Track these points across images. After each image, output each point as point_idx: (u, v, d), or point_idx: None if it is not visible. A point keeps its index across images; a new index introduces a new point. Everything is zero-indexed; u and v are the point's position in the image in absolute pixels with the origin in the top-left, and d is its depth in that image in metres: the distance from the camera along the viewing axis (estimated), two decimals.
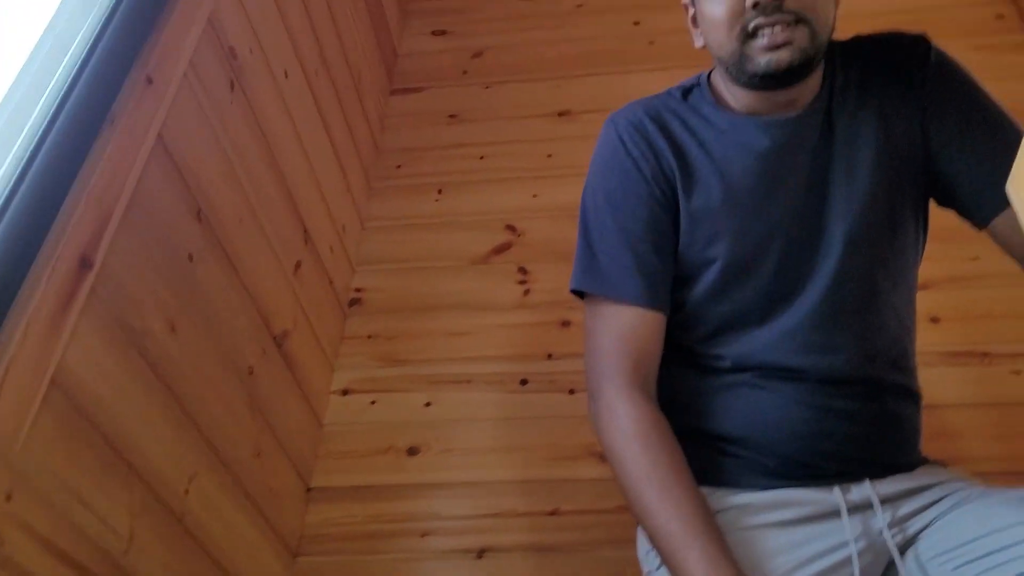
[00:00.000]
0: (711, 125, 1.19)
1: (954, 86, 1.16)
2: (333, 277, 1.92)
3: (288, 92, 1.73)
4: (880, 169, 1.14)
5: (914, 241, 1.21)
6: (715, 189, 1.16)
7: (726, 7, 1.07)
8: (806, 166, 1.15)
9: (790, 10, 1.04)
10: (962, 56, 2.25)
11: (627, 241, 1.17)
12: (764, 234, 1.16)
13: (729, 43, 1.09)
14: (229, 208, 1.46)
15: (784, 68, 1.06)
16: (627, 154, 1.20)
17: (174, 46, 1.29)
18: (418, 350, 1.93)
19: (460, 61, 2.53)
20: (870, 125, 1.15)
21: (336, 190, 1.97)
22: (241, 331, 1.48)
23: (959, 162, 1.13)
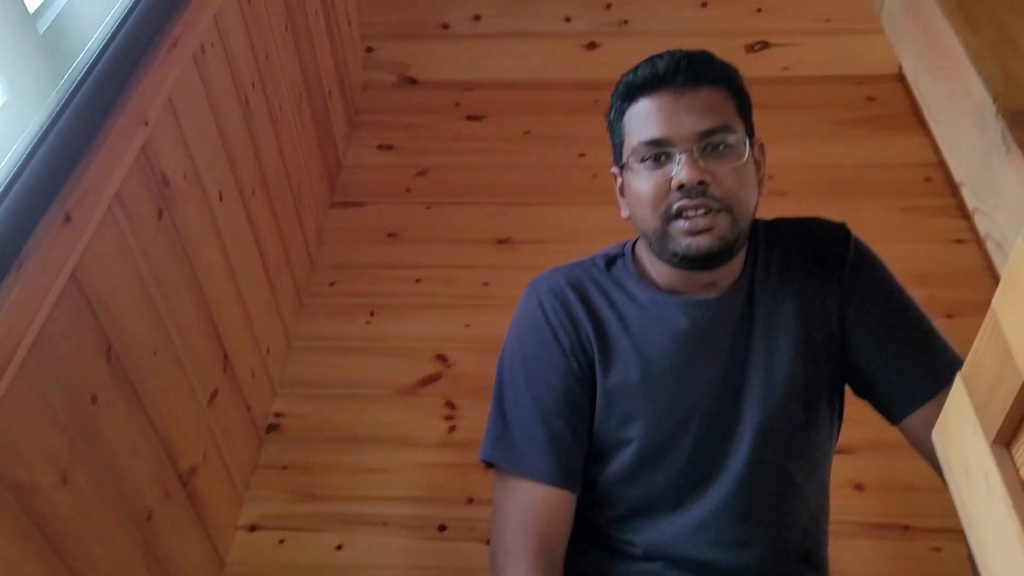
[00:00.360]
0: (632, 300, 1.17)
1: (872, 280, 1.17)
2: (252, 403, 1.84)
3: (222, 214, 1.68)
4: (798, 358, 1.14)
5: (828, 431, 1.21)
6: (633, 368, 1.14)
7: (652, 186, 1.07)
8: (725, 350, 1.15)
9: (714, 196, 1.04)
10: (889, 217, 2.34)
11: (541, 414, 1.15)
12: (679, 419, 1.14)
13: (653, 220, 1.08)
14: (144, 342, 1.39)
15: (704, 253, 1.06)
16: (547, 323, 1.18)
17: (99, 180, 1.23)
18: (334, 485, 1.85)
19: (404, 178, 2.51)
20: (790, 311, 1.15)
21: (264, 311, 1.91)
22: (143, 474, 1.39)
23: (875, 359, 1.14)
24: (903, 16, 1.00)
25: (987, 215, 0.81)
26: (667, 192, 1.06)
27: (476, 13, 2.77)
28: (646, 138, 1.08)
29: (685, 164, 1.04)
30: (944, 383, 1.08)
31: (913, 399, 1.10)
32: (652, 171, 1.07)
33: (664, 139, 1.06)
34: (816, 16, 2.70)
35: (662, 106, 1.07)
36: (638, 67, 1.11)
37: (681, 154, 1.05)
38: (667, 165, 1.06)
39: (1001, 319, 0.66)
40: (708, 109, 1.07)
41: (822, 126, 2.58)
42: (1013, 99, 0.79)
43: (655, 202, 1.07)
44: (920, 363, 1.12)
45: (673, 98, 1.07)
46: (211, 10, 1.61)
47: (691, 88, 1.07)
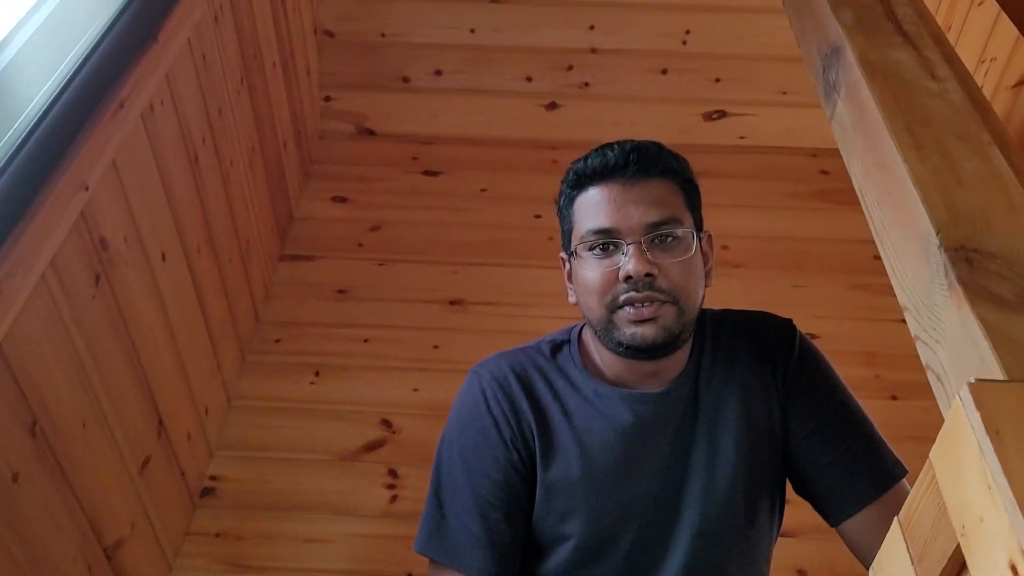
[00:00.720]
0: (577, 391, 1.15)
1: (816, 380, 1.17)
2: (186, 468, 1.78)
3: (163, 275, 1.64)
4: (740, 456, 1.13)
5: (768, 528, 1.20)
6: (574, 462, 1.12)
7: (599, 275, 1.06)
8: (667, 446, 1.13)
9: (660, 288, 1.04)
10: (838, 294, 2.36)
11: (479, 507, 1.12)
12: (618, 517, 1.12)
13: (599, 309, 1.07)
14: (73, 414, 1.34)
15: (648, 343, 1.05)
16: (488, 411, 1.15)
17: (32, 249, 1.19)
18: (267, 556, 1.79)
19: (357, 232, 2.48)
20: (733, 407, 1.14)
21: (204, 371, 1.86)
22: (65, 551, 1.33)
23: (815, 460, 1.13)
24: (853, 131, 1.01)
25: (928, 347, 0.81)
26: (614, 282, 1.05)
27: (437, 68, 2.77)
28: (594, 227, 1.07)
29: (632, 256, 1.03)
30: (882, 489, 1.09)
31: (851, 504, 1.09)
32: (599, 260, 1.06)
33: (612, 229, 1.05)
34: (773, 88, 2.74)
35: (611, 196, 1.07)
36: (588, 156, 1.10)
37: (629, 245, 1.04)
38: (614, 255, 1.05)
39: (938, 474, 0.65)
40: (656, 201, 1.07)
41: (776, 197, 2.61)
42: (956, 233, 0.80)
43: (601, 291, 1.06)
44: (859, 467, 1.11)
45: (622, 189, 1.07)
46: (163, 68, 1.58)
47: (640, 179, 1.07)
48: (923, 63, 1.02)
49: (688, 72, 2.74)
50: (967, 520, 0.60)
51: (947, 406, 0.73)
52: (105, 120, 1.37)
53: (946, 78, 0.99)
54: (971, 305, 0.71)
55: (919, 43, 1.06)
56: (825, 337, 2.22)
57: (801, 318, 2.26)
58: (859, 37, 1.06)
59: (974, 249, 0.77)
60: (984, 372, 0.67)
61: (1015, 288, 0.74)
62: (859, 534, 1.09)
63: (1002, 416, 0.59)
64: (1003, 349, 0.67)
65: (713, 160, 2.69)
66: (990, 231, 0.79)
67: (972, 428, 0.59)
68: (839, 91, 1.08)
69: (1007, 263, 0.76)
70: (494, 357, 1.23)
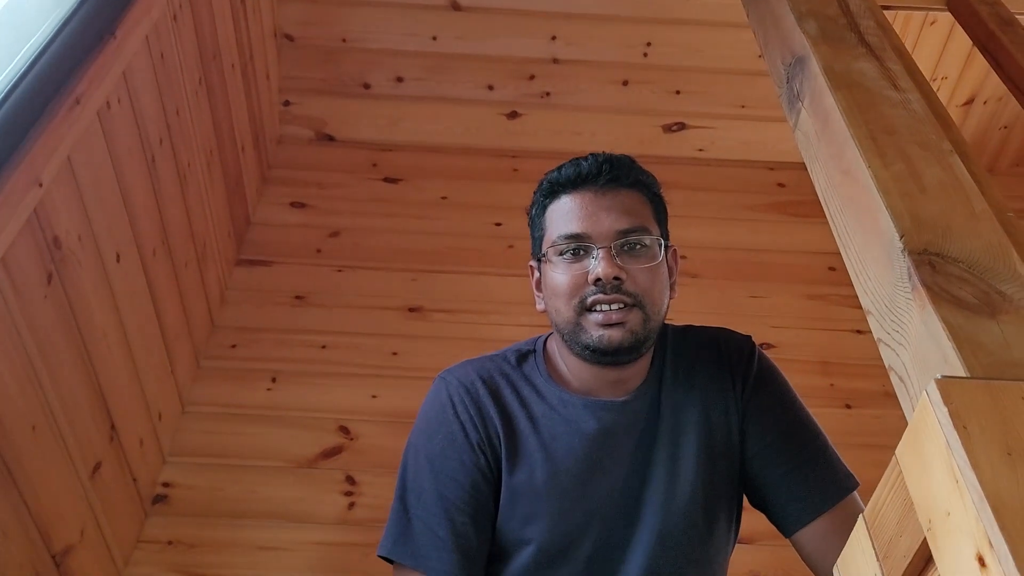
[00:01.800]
0: (542, 399, 1.17)
1: (773, 396, 1.19)
2: (138, 474, 1.74)
3: (118, 276, 1.60)
4: (700, 466, 1.14)
5: (726, 539, 1.21)
6: (539, 467, 1.13)
7: (569, 278, 1.09)
8: (629, 455, 1.14)
9: (627, 292, 1.07)
10: (794, 303, 2.39)
11: (445, 510, 1.12)
12: (581, 522, 1.13)
13: (567, 312, 1.09)
14: (21, 418, 1.30)
15: (615, 346, 1.07)
16: (455, 416, 1.16)
17: None
18: (221, 564, 1.76)
19: (315, 238, 2.46)
20: (693, 419, 1.16)
21: (157, 376, 1.82)
22: (11, 558, 1.29)
23: (770, 473, 1.15)
24: (817, 139, 1.02)
25: (891, 349, 0.82)
26: (583, 285, 1.08)
27: (399, 75, 2.75)
28: (566, 232, 1.10)
29: (602, 259, 1.06)
30: (835, 500, 1.12)
31: (805, 513, 1.11)
32: (570, 264, 1.09)
33: (584, 234, 1.09)
34: (732, 101, 2.78)
35: (583, 203, 1.10)
36: (562, 166, 1.14)
37: (599, 250, 1.07)
38: (584, 260, 1.08)
39: (904, 470, 0.66)
40: (626, 210, 1.10)
41: (734, 209, 2.64)
42: (919, 238, 0.81)
43: (570, 294, 1.08)
44: (813, 479, 1.13)
45: (594, 196, 1.10)
46: (120, 65, 1.55)
47: (612, 189, 1.11)
48: (886, 73, 1.04)
49: (649, 84, 2.77)
50: (934, 514, 0.60)
51: (910, 406, 0.74)
52: (60, 116, 1.34)
53: (908, 88, 1.01)
54: (934, 307, 0.73)
55: (882, 54, 1.08)
56: (781, 346, 2.26)
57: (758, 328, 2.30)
58: (823, 47, 1.08)
59: (937, 253, 0.79)
60: (947, 372, 0.68)
61: (976, 291, 0.75)
62: (812, 543, 1.11)
63: (968, 411, 0.60)
64: (965, 349, 0.69)
65: (672, 172, 2.70)
66: (952, 236, 0.81)
67: (940, 423, 0.60)
68: (803, 100, 1.10)
69: (968, 267, 0.78)
70: (461, 364, 1.24)
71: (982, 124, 2.82)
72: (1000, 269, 0.77)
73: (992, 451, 0.58)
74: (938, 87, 2.68)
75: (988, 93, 2.74)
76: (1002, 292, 0.75)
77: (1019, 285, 0.76)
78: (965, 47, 2.56)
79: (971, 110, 2.79)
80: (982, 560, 0.54)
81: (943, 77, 2.69)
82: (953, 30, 2.54)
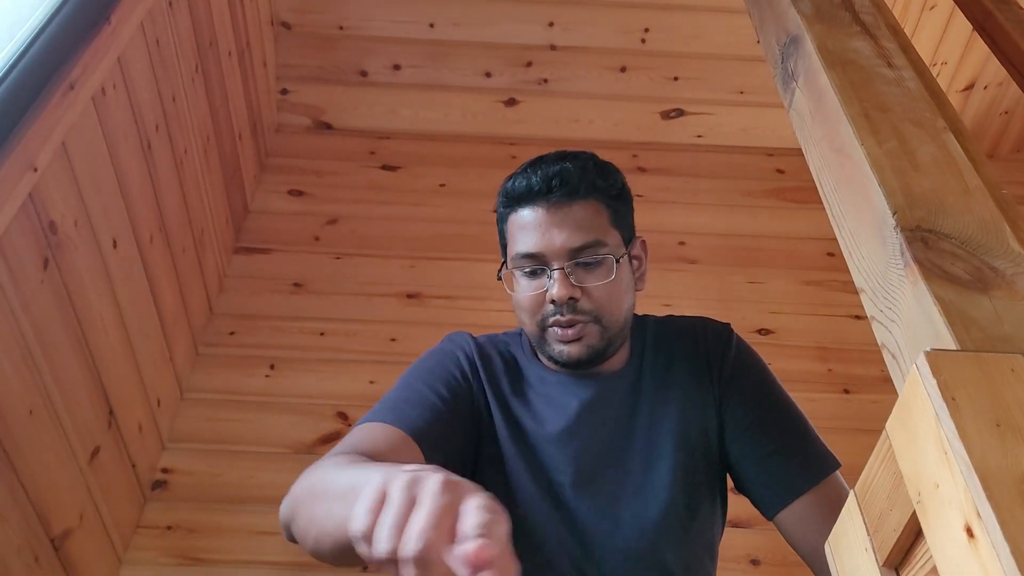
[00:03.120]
0: (525, 376, 1.19)
1: (751, 380, 1.19)
2: (137, 460, 1.75)
3: (114, 263, 1.61)
4: (677, 452, 1.15)
5: (711, 523, 1.21)
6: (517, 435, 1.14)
7: (529, 296, 1.10)
8: (607, 434, 1.15)
9: (583, 310, 1.08)
10: (792, 289, 2.39)
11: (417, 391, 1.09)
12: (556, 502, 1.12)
13: (530, 326, 1.12)
14: (19, 402, 1.30)
15: (575, 360, 1.10)
16: (458, 349, 1.18)
17: None
18: (219, 548, 1.76)
19: (313, 226, 2.46)
20: (672, 405, 1.16)
21: (156, 362, 1.83)
22: (10, 541, 1.30)
23: (749, 455, 1.15)
24: (811, 119, 1.02)
25: (884, 326, 0.82)
26: (542, 303, 1.09)
27: (396, 62, 2.75)
28: (522, 251, 1.10)
29: (557, 281, 1.07)
30: (815, 480, 1.11)
31: (785, 495, 1.11)
32: (529, 281, 1.10)
33: (538, 254, 1.08)
34: (730, 88, 2.77)
35: (537, 220, 1.09)
36: (516, 176, 1.13)
37: (554, 271, 1.07)
38: (541, 277, 1.09)
39: (894, 444, 0.66)
40: (579, 225, 1.08)
41: (732, 195, 2.64)
42: (912, 215, 0.81)
43: (531, 311, 1.10)
44: (793, 460, 1.13)
45: (547, 212, 1.09)
46: (115, 51, 1.55)
47: (564, 203, 1.09)
48: (880, 51, 1.03)
49: (647, 70, 2.76)
50: (923, 487, 0.60)
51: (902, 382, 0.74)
52: (55, 101, 1.34)
53: (902, 66, 1.01)
54: (926, 283, 0.73)
55: (876, 32, 1.07)
56: (779, 332, 2.26)
57: (756, 313, 2.32)
58: (818, 26, 1.08)
59: (929, 230, 0.79)
60: (939, 346, 0.68)
61: (968, 267, 0.75)
62: (794, 524, 1.11)
63: (957, 383, 0.60)
64: (957, 325, 0.68)
65: (670, 158, 2.71)
66: (945, 213, 0.80)
67: (928, 395, 0.60)
68: (797, 79, 1.09)
69: (961, 243, 0.77)
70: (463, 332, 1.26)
71: (982, 109, 2.81)
72: (993, 245, 0.77)
73: (981, 423, 0.58)
74: (938, 72, 2.67)
75: (988, 78, 2.73)
76: (994, 268, 0.75)
77: (1011, 261, 0.76)
78: (964, 32, 2.55)
79: (971, 95, 2.78)
80: (970, 531, 0.54)
81: (943, 62, 2.69)
82: (953, 15, 2.53)
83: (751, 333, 2.27)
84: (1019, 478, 0.54)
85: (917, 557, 0.64)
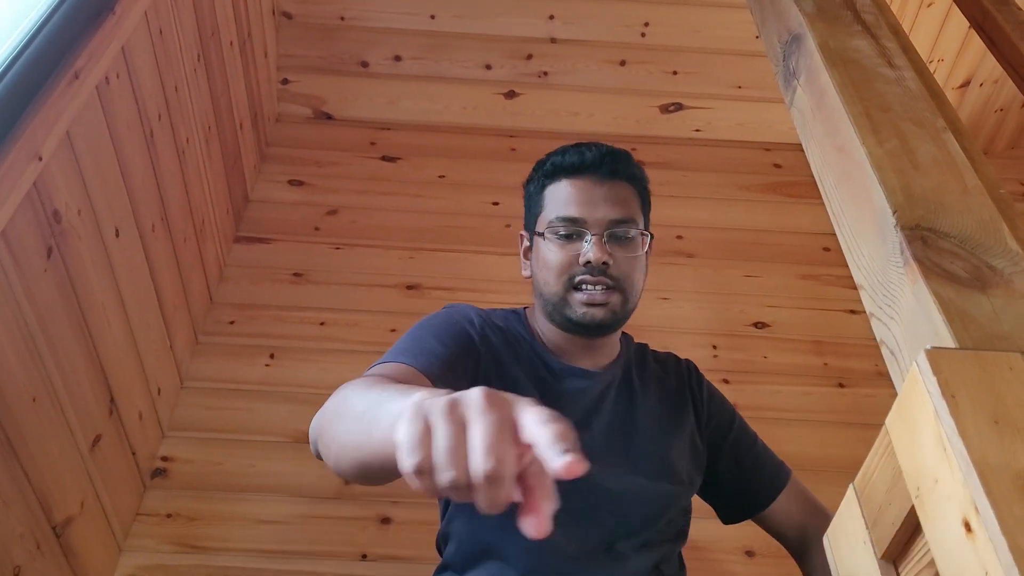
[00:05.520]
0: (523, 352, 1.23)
1: (722, 408, 1.35)
2: (137, 448, 1.76)
3: (117, 252, 1.61)
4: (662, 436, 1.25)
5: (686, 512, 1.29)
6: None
7: (561, 257, 1.19)
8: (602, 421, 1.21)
9: (612, 276, 1.18)
10: (788, 283, 2.41)
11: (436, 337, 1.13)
12: None
13: (555, 286, 1.20)
14: (21, 389, 1.31)
15: (596, 323, 1.19)
16: (468, 308, 1.23)
17: None
18: (219, 536, 1.77)
19: (313, 216, 2.46)
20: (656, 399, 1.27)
21: (156, 351, 1.83)
22: (12, 527, 1.31)
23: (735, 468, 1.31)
24: (812, 116, 1.03)
25: (883, 323, 0.83)
26: (572, 265, 1.19)
27: (397, 53, 2.75)
28: (564, 215, 1.20)
29: (594, 245, 1.17)
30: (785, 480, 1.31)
31: (772, 492, 1.30)
32: (563, 245, 1.20)
33: (580, 219, 1.19)
34: (729, 82, 2.78)
35: (582, 190, 1.21)
36: (567, 151, 1.24)
37: (592, 236, 1.18)
38: (577, 243, 1.19)
39: (894, 440, 0.67)
40: (620, 201, 1.21)
41: (729, 189, 2.65)
42: (911, 213, 0.82)
43: (560, 271, 1.19)
44: (766, 467, 1.32)
45: (593, 185, 1.21)
46: (119, 41, 1.55)
47: (609, 180, 1.22)
48: (881, 51, 1.04)
49: (646, 64, 2.77)
50: (922, 482, 0.62)
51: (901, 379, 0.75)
52: (59, 90, 1.35)
53: (903, 66, 1.02)
54: (926, 281, 0.74)
55: (877, 32, 1.08)
56: (775, 326, 2.27)
57: (752, 307, 2.33)
58: (820, 25, 1.09)
59: (929, 228, 0.80)
60: (937, 344, 0.69)
61: (967, 266, 0.76)
62: (777, 516, 1.30)
63: (957, 381, 0.61)
64: (956, 323, 0.70)
65: (669, 152, 2.72)
66: (944, 211, 0.82)
67: (929, 393, 0.61)
68: (799, 77, 1.11)
69: (960, 242, 0.79)
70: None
71: (978, 107, 2.82)
72: (991, 244, 0.78)
73: (980, 420, 0.59)
74: (934, 69, 2.68)
75: (984, 76, 2.74)
76: (993, 266, 0.76)
77: (1010, 260, 0.77)
78: (961, 29, 2.56)
79: (967, 93, 2.79)
80: (968, 525, 0.55)
81: (939, 59, 2.70)
82: (950, 12, 2.54)
83: (747, 327, 2.28)
84: (1017, 474, 0.55)
85: (915, 551, 0.65)
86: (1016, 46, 1.46)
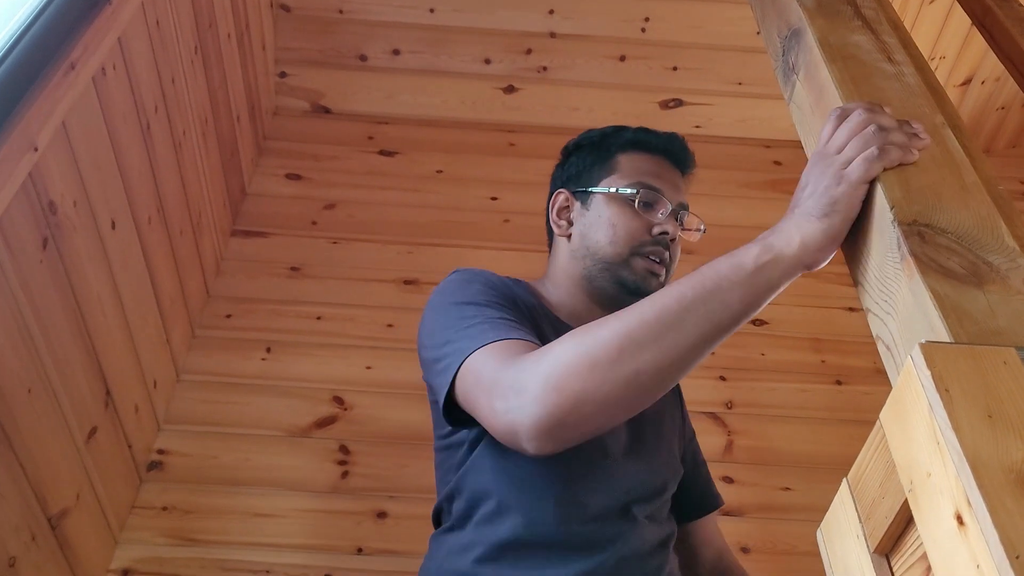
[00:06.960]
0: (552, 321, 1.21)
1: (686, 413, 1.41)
2: (133, 440, 1.75)
3: (113, 244, 1.61)
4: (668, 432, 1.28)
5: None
6: None
7: (634, 223, 1.22)
8: None
9: (671, 252, 1.26)
10: None
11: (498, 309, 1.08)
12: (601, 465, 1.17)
13: (619, 248, 1.22)
14: (17, 381, 1.31)
15: (647, 292, 1.19)
16: (491, 274, 1.19)
17: None
18: (215, 529, 1.77)
19: (311, 210, 2.46)
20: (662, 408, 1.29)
21: (152, 344, 1.83)
22: (7, 519, 1.31)
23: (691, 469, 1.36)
24: (811, 112, 1.03)
25: (879, 318, 0.83)
26: (643, 232, 1.22)
27: (395, 47, 2.74)
28: (652, 184, 1.26)
29: (670, 220, 1.25)
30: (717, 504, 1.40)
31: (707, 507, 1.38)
32: (636, 211, 1.23)
33: (663, 191, 1.26)
34: (729, 79, 2.77)
35: (667, 169, 1.30)
36: (652, 131, 1.32)
37: (671, 212, 1.25)
38: (651, 213, 1.24)
39: (887, 434, 0.67)
40: (686, 190, 1.34)
41: (729, 186, 2.64)
42: (909, 209, 0.82)
43: (629, 236, 1.22)
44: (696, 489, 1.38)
45: (674, 170, 1.31)
46: (115, 32, 1.55)
47: (684, 172, 1.34)
48: (881, 46, 1.04)
49: (646, 60, 2.76)
50: (915, 476, 0.62)
51: (896, 374, 0.75)
52: (55, 81, 1.34)
53: (902, 62, 1.02)
54: (922, 277, 0.74)
55: (877, 27, 1.08)
56: (774, 323, 2.27)
57: None
58: (819, 20, 1.08)
59: (926, 224, 0.79)
60: (933, 339, 0.69)
61: (964, 262, 0.76)
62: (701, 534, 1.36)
63: (951, 375, 0.61)
64: (951, 318, 0.70)
65: None
66: (942, 208, 0.81)
67: (923, 387, 0.61)
68: (798, 73, 1.10)
69: (957, 238, 0.78)
70: None
71: (979, 104, 2.82)
72: (988, 240, 0.78)
73: (973, 414, 0.59)
74: (936, 66, 2.68)
75: (986, 73, 2.74)
76: (989, 263, 0.76)
77: (1006, 256, 0.77)
78: (963, 27, 2.55)
79: (968, 90, 2.79)
80: (960, 519, 0.55)
81: (941, 56, 2.69)
82: (952, 9, 2.53)
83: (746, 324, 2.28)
84: (1009, 468, 0.55)
85: (907, 544, 0.65)
86: (1017, 43, 1.46)
